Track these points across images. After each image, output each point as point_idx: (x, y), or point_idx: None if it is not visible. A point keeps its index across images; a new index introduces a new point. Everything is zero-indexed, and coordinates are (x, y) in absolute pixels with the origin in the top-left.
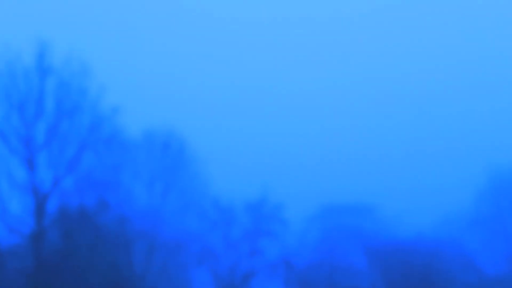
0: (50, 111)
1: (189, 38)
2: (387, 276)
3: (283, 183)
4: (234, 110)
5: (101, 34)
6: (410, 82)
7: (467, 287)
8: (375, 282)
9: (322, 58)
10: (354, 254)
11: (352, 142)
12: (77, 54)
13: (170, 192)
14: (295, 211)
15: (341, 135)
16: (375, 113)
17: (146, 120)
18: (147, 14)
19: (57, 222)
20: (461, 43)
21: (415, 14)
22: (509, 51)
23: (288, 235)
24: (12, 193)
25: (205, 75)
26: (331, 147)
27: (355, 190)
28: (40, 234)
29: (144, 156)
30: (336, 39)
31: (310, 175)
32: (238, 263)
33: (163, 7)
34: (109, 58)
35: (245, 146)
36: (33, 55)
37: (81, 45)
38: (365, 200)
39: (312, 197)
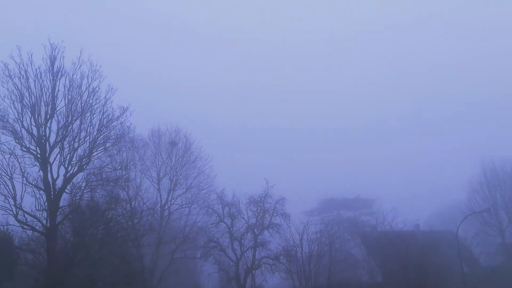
0: (62, 111)
1: (192, 40)
2: (384, 267)
3: (285, 178)
4: (236, 110)
5: (109, 37)
6: (408, 81)
7: (462, 277)
8: (373, 273)
9: (323, 58)
10: (353, 246)
11: (351, 139)
12: (87, 56)
13: (177, 188)
14: (296, 204)
15: (340, 133)
16: (373, 110)
17: (154, 119)
18: (154, 17)
19: (69, 217)
20: (461, 45)
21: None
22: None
23: (290, 227)
24: (26, 190)
25: (208, 75)
26: (330, 144)
27: (354, 184)
28: (53, 229)
29: (152, 153)
30: (336, 40)
31: (311, 170)
32: (243, 255)
33: (169, 11)
34: (118, 60)
35: (248, 143)
36: (45, 57)
37: (91, 48)
38: (364, 193)
39: (313, 191)
